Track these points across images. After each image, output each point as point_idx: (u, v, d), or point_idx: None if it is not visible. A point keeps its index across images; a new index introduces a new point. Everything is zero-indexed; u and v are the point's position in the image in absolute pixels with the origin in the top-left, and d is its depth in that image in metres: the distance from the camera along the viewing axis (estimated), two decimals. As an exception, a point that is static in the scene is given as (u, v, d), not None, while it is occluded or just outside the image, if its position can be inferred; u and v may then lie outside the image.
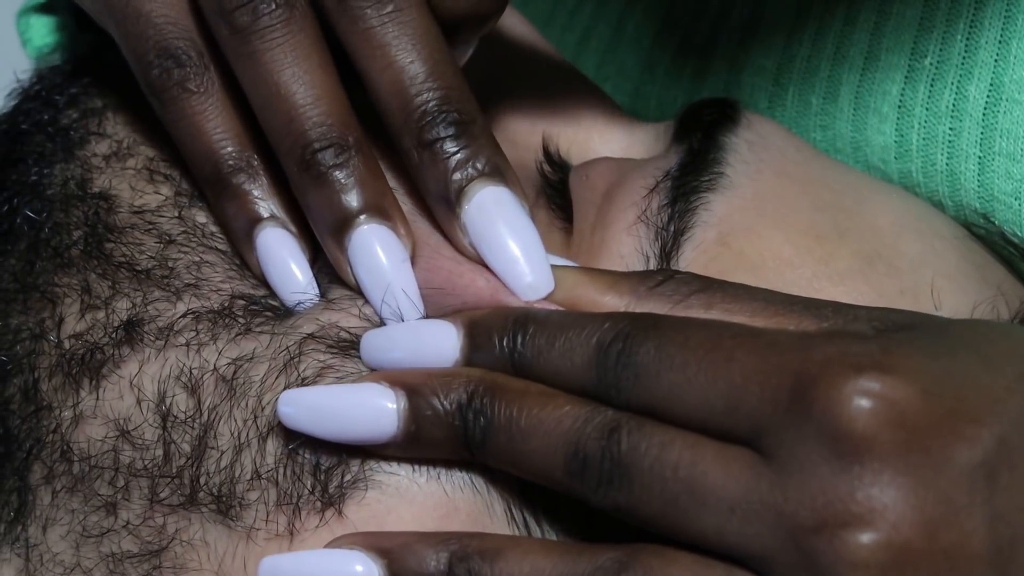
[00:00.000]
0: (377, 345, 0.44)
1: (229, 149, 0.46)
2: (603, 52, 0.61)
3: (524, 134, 0.53)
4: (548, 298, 0.44)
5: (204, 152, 0.46)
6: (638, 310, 0.43)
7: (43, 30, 0.57)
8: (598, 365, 0.41)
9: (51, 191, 0.50)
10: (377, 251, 0.44)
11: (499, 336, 0.43)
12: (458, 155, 0.44)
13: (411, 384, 0.43)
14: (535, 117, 0.53)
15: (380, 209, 0.45)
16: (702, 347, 0.39)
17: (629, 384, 0.40)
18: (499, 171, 0.45)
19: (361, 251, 0.44)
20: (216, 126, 0.46)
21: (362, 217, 0.44)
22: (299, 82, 0.44)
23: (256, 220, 0.46)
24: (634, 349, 0.40)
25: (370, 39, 0.44)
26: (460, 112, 0.44)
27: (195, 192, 0.48)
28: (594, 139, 0.54)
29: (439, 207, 0.45)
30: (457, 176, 0.44)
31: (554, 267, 0.45)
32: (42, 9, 0.57)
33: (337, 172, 0.44)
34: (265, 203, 0.46)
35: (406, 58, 0.44)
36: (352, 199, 0.44)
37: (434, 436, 0.42)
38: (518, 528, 0.43)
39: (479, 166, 0.44)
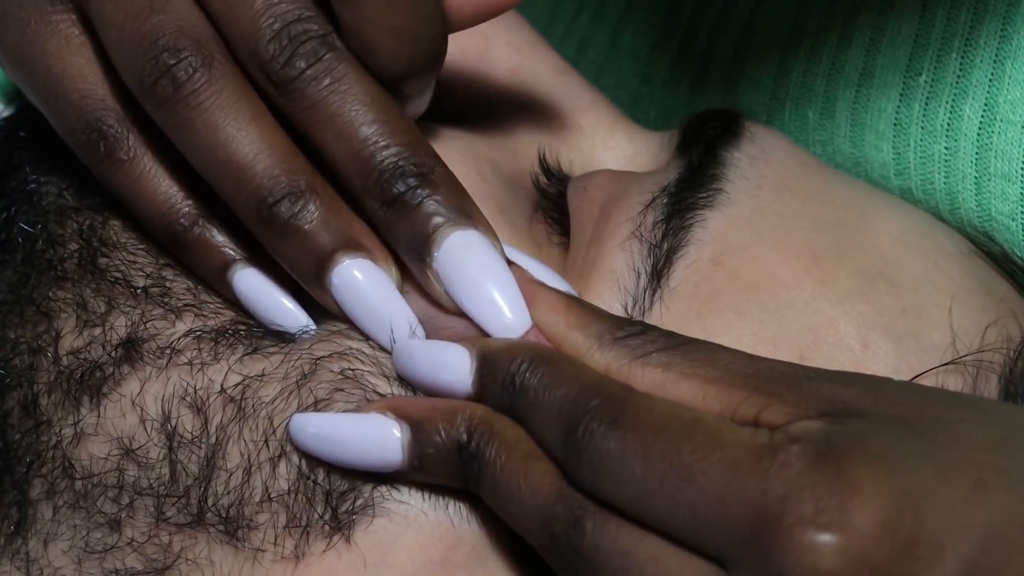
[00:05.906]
0: (402, 359, 0.45)
1: (177, 206, 0.46)
2: (601, 62, 0.61)
3: (525, 143, 0.53)
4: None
5: (154, 214, 0.46)
6: (597, 356, 0.42)
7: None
8: (564, 448, 0.40)
9: (47, 201, 0.49)
10: (363, 285, 0.44)
11: (502, 377, 0.42)
12: (422, 205, 0.44)
13: (415, 419, 0.43)
14: (537, 125, 0.53)
15: (352, 243, 0.44)
16: (662, 461, 0.39)
17: (590, 478, 0.40)
18: (465, 214, 0.44)
19: (346, 289, 0.44)
20: (157, 187, 0.46)
21: (337, 255, 0.44)
22: (235, 141, 0.44)
23: (225, 266, 0.46)
24: (594, 444, 0.39)
25: (315, 114, 0.44)
26: (417, 164, 0.44)
27: None
28: (597, 147, 0.54)
29: (411, 259, 0.45)
30: (424, 226, 0.44)
31: (537, 284, 0.45)
32: None
33: (298, 220, 0.44)
34: (229, 247, 0.46)
35: (354, 123, 0.44)
36: (322, 241, 0.44)
37: (437, 470, 0.43)
38: (521, 562, 0.43)
39: (444, 212, 0.44)
